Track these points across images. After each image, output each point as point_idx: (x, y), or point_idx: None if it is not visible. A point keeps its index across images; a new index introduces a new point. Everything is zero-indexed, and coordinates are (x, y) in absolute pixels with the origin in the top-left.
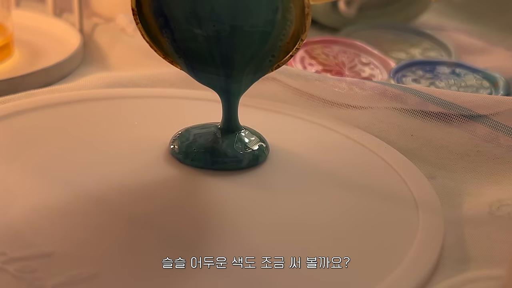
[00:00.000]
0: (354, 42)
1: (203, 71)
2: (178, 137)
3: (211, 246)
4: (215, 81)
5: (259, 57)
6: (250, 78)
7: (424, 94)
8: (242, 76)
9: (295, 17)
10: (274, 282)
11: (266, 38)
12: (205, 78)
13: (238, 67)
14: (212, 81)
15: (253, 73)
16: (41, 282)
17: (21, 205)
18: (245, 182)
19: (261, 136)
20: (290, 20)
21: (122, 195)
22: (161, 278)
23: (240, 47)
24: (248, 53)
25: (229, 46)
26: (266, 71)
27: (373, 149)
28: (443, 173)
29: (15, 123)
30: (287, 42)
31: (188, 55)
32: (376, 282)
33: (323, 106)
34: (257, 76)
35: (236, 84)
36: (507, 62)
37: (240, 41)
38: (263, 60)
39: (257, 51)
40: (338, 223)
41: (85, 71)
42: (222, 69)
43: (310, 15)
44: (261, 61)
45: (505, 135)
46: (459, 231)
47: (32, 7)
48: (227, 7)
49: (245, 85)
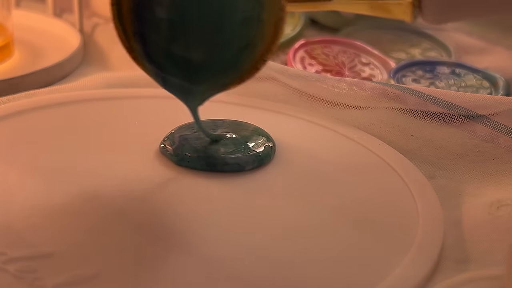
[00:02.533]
0: (354, 42)
1: (169, 82)
2: (167, 139)
3: (211, 246)
4: (177, 91)
5: (225, 73)
6: (212, 93)
7: (424, 94)
8: (205, 92)
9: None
10: (274, 282)
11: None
12: (170, 89)
13: (204, 85)
14: (175, 91)
15: (218, 88)
16: (41, 282)
17: (21, 205)
18: (245, 182)
19: (268, 136)
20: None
21: (122, 195)
22: (161, 278)
23: (212, 70)
24: (217, 73)
25: (200, 69)
26: (229, 86)
27: (373, 149)
28: (443, 173)
29: (15, 123)
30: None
31: (158, 67)
32: (376, 282)
33: (323, 106)
34: (219, 91)
35: (195, 97)
36: (507, 62)
37: (211, 67)
38: (226, 77)
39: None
40: (337, 223)
41: (85, 71)
42: (187, 83)
43: (284, 21)
44: (225, 76)
45: (505, 135)
46: (459, 231)
47: (32, 7)
48: (203, 43)
49: (205, 98)
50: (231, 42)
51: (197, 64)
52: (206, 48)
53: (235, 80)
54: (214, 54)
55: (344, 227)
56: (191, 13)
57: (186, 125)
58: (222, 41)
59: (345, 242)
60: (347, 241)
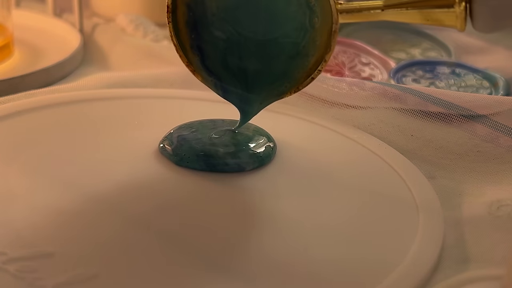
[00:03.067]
0: (354, 42)
1: (228, 91)
2: (166, 139)
3: (211, 246)
4: (236, 99)
5: (280, 81)
6: (269, 101)
7: (424, 94)
8: (263, 100)
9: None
10: (274, 281)
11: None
12: (229, 97)
13: (261, 94)
14: (234, 100)
15: (274, 96)
16: (41, 282)
17: (21, 205)
18: (245, 182)
19: (269, 136)
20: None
21: (123, 195)
22: (161, 278)
23: (267, 79)
24: (271, 78)
25: (256, 78)
26: (285, 94)
27: (373, 149)
28: (443, 173)
29: (15, 123)
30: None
31: (217, 77)
32: (376, 282)
33: (323, 106)
34: (276, 99)
35: (253, 106)
36: (507, 62)
37: (266, 76)
38: (282, 85)
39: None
40: (337, 223)
41: (85, 71)
42: (245, 92)
43: (337, 33)
44: (281, 84)
45: (505, 135)
46: (459, 231)
47: (32, 7)
48: (257, 53)
49: (263, 106)
50: (284, 50)
51: (253, 74)
52: (260, 52)
53: (291, 88)
54: (268, 63)
55: (344, 227)
56: (243, 18)
57: (185, 125)
58: (275, 50)
59: (345, 242)
60: (347, 241)
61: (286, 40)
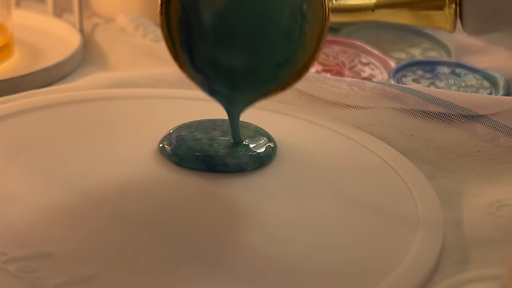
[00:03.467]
0: (354, 42)
1: (214, 91)
2: (165, 139)
3: (211, 246)
4: (222, 98)
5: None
6: (255, 100)
7: (424, 94)
8: (248, 99)
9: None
10: (274, 282)
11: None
12: (214, 96)
13: (246, 93)
14: (220, 98)
15: (260, 96)
16: (41, 282)
17: (21, 205)
18: (246, 182)
19: (270, 136)
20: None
21: (122, 195)
22: (161, 278)
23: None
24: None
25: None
26: (271, 94)
27: (373, 149)
28: (443, 173)
29: (15, 123)
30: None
31: (204, 76)
32: (376, 282)
33: (323, 106)
34: (261, 98)
35: (238, 105)
36: (507, 62)
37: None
38: (268, 86)
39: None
40: (337, 223)
41: (85, 71)
42: (231, 92)
43: (327, 32)
44: (268, 85)
45: (505, 135)
46: (459, 231)
47: (32, 7)
48: (246, 53)
49: (248, 105)
50: (273, 52)
51: (240, 74)
52: (249, 58)
53: (276, 88)
54: (256, 64)
55: (344, 227)
56: (236, 24)
57: (185, 125)
58: (265, 52)
59: (345, 242)
60: (347, 241)
61: (277, 49)
